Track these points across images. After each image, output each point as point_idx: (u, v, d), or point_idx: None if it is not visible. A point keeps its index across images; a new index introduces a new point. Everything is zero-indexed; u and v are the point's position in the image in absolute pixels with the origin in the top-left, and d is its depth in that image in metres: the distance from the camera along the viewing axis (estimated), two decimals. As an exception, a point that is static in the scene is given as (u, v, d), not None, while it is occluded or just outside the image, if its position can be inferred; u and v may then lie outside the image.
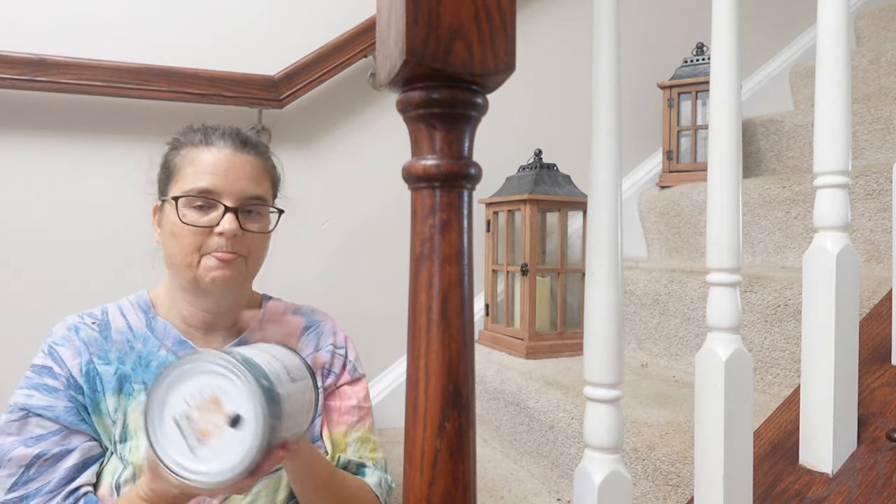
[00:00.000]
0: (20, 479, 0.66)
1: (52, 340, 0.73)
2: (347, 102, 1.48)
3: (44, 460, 0.67)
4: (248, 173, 0.76)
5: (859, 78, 1.72)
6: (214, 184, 0.74)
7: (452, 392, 0.39)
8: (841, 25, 0.66)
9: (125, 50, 1.29)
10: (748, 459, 0.60)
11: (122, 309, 0.79)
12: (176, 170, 0.77)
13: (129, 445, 0.71)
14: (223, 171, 0.74)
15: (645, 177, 1.79)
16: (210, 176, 0.74)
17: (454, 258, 0.40)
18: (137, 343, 0.75)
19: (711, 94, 0.61)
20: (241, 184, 0.75)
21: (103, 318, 0.77)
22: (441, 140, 0.39)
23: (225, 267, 0.73)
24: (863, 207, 1.17)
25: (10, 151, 1.23)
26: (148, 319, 0.78)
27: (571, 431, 1.05)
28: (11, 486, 0.65)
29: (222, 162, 0.75)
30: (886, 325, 0.81)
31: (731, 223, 0.59)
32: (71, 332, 0.73)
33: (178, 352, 0.76)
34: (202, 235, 0.73)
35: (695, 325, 1.20)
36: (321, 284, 1.46)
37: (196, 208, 0.74)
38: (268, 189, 0.80)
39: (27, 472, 0.66)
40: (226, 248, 0.73)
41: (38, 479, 0.66)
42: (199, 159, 0.75)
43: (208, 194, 0.74)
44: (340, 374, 0.85)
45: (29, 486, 0.65)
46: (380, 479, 0.80)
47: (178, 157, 0.77)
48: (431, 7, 0.36)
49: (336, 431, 0.82)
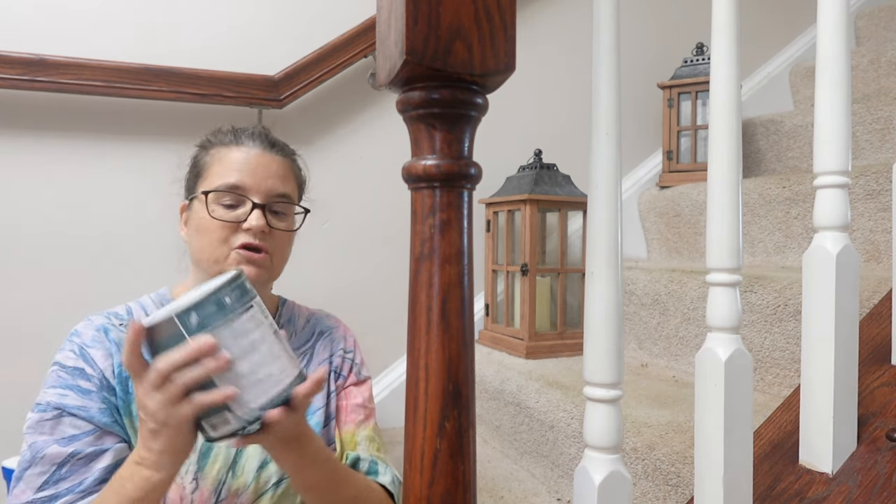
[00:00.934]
0: (51, 478, 0.65)
1: (82, 342, 0.72)
2: (347, 102, 1.48)
3: (77, 459, 0.66)
4: (275, 172, 0.78)
5: (859, 78, 1.72)
6: (243, 180, 0.75)
7: (452, 392, 0.39)
8: (841, 25, 0.66)
9: (125, 50, 1.29)
10: (748, 459, 0.60)
11: (146, 308, 0.79)
12: (205, 168, 0.78)
13: None
14: (252, 168, 0.76)
15: (645, 177, 1.79)
16: (239, 173, 0.75)
17: (454, 258, 0.40)
18: None
19: (711, 94, 0.61)
20: (268, 182, 0.77)
21: (129, 318, 0.76)
22: (441, 140, 0.39)
23: (251, 263, 0.74)
24: (863, 207, 1.17)
25: (10, 151, 1.23)
26: None
27: (571, 431, 1.05)
28: (42, 485, 0.64)
29: (251, 160, 0.77)
30: (886, 325, 0.81)
31: (731, 223, 0.59)
32: (100, 333, 0.73)
33: None
34: (230, 230, 0.74)
35: (695, 325, 1.20)
36: (321, 284, 1.46)
37: (224, 205, 0.75)
38: (294, 189, 0.82)
39: (59, 471, 0.65)
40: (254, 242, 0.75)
41: (69, 478, 0.65)
42: (229, 157, 0.77)
43: (237, 190, 0.75)
44: (347, 376, 0.87)
45: (59, 486, 0.64)
46: (393, 477, 0.80)
47: (208, 156, 0.79)
48: (431, 7, 0.36)
49: (345, 430, 0.82)
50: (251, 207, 0.75)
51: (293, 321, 0.87)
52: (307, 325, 0.88)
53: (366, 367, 0.90)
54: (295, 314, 0.88)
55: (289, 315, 0.87)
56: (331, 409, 0.83)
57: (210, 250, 0.74)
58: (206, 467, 0.72)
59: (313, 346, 0.86)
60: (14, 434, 1.19)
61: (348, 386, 0.86)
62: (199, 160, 0.80)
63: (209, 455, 0.73)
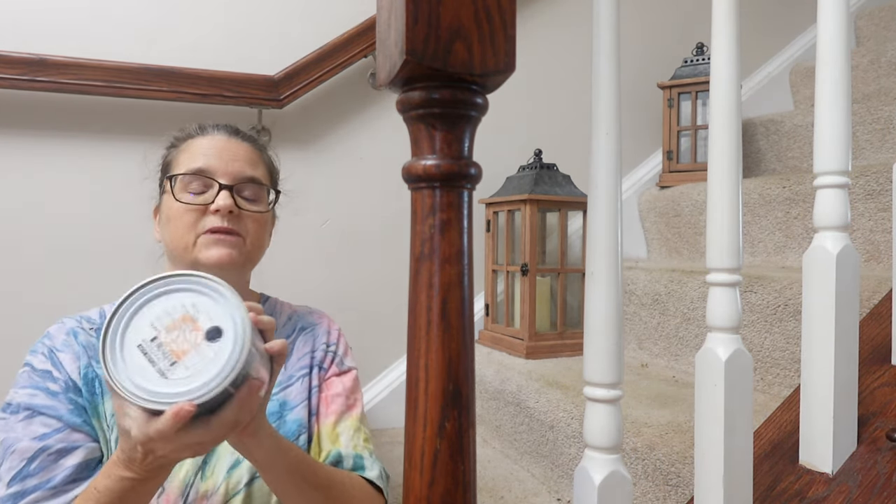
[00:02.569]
0: (19, 473, 0.64)
1: (53, 345, 0.72)
2: (347, 102, 1.48)
3: (47, 455, 0.65)
4: (242, 156, 0.78)
5: (859, 78, 1.72)
6: (209, 163, 0.75)
7: (452, 392, 0.39)
8: (841, 25, 0.66)
9: (125, 50, 1.29)
10: (748, 459, 0.60)
11: None
12: (172, 162, 0.79)
13: None
14: (217, 152, 0.76)
15: (645, 177, 1.79)
16: (205, 157, 0.76)
17: (454, 258, 0.40)
18: None
19: (711, 94, 0.61)
20: (235, 164, 0.77)
21: (101, 321, 0.76)
22: (441, 140, 0.39)
23: (222, 244, 0.73)
24: (863, 207, 1.17)
25: (10, 151, 1.23)
26: None
27: (571, 431, 1.05)
28: (10, 481, 0.63)
29: (216, 145, 0.77)
30: (886, 325, 0.81)
31: (731, 223, 0.59)
32: (70, 337, 0.73)
33: None
34: (198, 214, 0.74)
35: (695, 325, 1.20)
36: (321, 284, 1.46)
37: (192, 192, 0.75)
38: (264, 175, 0.81)
39: (28, 467, 0.64)
40: (222, 224, 0.74)
41: (38, 474, 0.64)
42: (194, 146, 0.78)
43: (203, 173, 0.75)
44: (329, 367, 0.85)
45: (27, 483, 0.64)
46: (380, 471, 0.78)
47: (175, 151, 0.80)
48: (431, 7, 0.36)
49: (326, 423, 0.80)
50: (218, 189, 0.74)
51: (275, 317, 0.86)
52: (289, 322, 0.87)
53: (350, 357, 0.88)
54: (277, 310, 0.87)
55: (270, 311, 0.86)
56: (312, 404, 0.81)
57: (179, 237, 0.74)
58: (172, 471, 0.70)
59: (294, 342, 0.85)
60: None
61: (329, 377, 0.84)
62: (167, 158, 0.81)
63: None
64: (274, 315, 0.86)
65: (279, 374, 0.77)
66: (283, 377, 0.81)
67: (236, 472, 0.72)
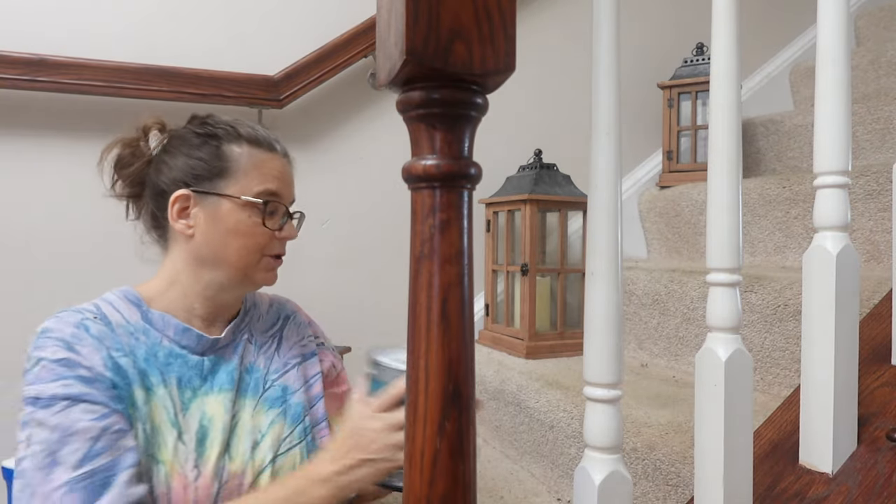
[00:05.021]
0: (88, 454, 0.62)
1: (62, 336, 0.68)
2: (347, 102, 1.48)
3: (110, 434, 0.64)
4: (293, 180, 0.82)
5: (859, 78, 1.72)
6: (281, 189, 0.78)
7: (452, 392, 0.39)
8: (841, 25, 0.66)
9: (125, 50, 1.29)
10: (748, 459, 0.60)
11: (113, 304, 0.75)
12: (236, 166, 0.75)
13: (157, 441, 0.70)
14: (283, 176, 0.79)
15: (645, 177, 1.79)
16: (277, 181, 0.78)
17: (454, 258, 0.40)
18: (141, 335, 0.73)
19: (711, 95, 0.61)
20: (292, 191, 0.81)
21: (99, 312, 0.73)
22: (441, 140, 0.39)
23: (276, 268, 0.79)
24: (863, 207, 1.17)
25: (10, 151, 1.23)
26: (142, 312, 0.75)
27: (571, 431, 1.05)
28: (79, 462, 0.62)
29: (282, 168, 0.79)
30: (886, 325, 0.81)
31: (730, 223, 0.59)
32: (80, 330, 0.69)
33: (180, 340, 0.75)
34: (268, 238, 0.77)
35: (695, 325, 1.20)
36: (320, 284, 1.46)
37: (257, 209, 0.76)
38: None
39: (94, 446, 0.63)
40: (283, 252, 0.79)
41: (106, 453, 0.63)
42: (268, 164, 0.78)
43: (276, 198, 0.77)
44: (334, 360, 0.90)
45: (97, 462, 0.62)
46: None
47: (238, 153, 0.76)
48: (431, 7, 0.36)
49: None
50: (285, 216, 0.78)
51: (258, 305, 0.87)
52: (271, 309, 0.89)
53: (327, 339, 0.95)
54: (258, 299, 0.89)
55: (252, 300, 0.88)
56: (312, 393, 0.85)
57: (245, 255, 0.75)
58: (204, 454, 0.72)
59: (281, 330, 0.87)
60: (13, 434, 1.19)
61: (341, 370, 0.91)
62: (223, 153, 0.76)
63: (206, 441, 0.72)
64: (257, 305, 0.87)
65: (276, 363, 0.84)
66: (279, 364, 0.84)
67: (260, 451, 0.76)
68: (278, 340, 0.86)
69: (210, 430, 0.73)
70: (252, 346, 0.82)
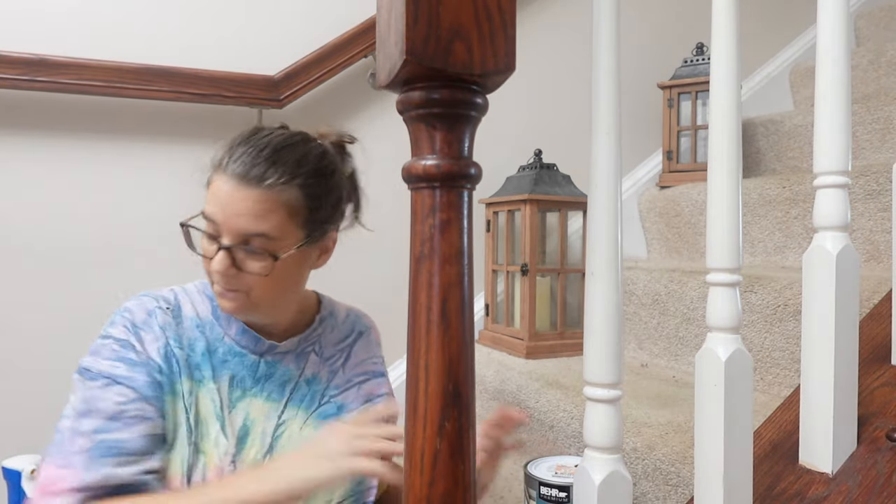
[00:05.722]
0: (104, 426, 0.67)
1: (133, 319, 0.73)
2: (347, 102, 1.48)
3: (127, 417, 0.68)
4: (248, 209, 0.68)
5: (859, 78, 1.72)
6: (215, 215, 0.69)
7: (452, 392, 0.39)
8: (841, 25, 0.66)
9: (125, 50, 1.29)
10: (748, 459, 0.60)
11: (189, 294, 0.79)
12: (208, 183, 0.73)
13: (200, 432, 0.72)
14: (223, 204, 0.69)
15: (645, 177, 1.79)
16: (214, 206, 0.69)
17: (454, 258, 0.40)
18: (206, 330, 0.77)
19: (711, 95, 0.61)
20: (239, 221, 0.68)
21: (175, 303, 0.77)
22: (441, 140, 0.39)
23: (225, 298, 0.72)
24: (863, 207, 1.17)
25: (10, 151, 1.22)
26: (213, 307, 0.78)
27: (571, 431, 1.05)
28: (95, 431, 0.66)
29: (226, 192, 0.68)
30: (886, 325, 0.81)
31: (730, 223, 0.59)
32: (151, 317, 0.74)
33: (241, 341, 0.77)
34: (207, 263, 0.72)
35: (695, 325, 1.20)
36: (320, 284, 1.45)
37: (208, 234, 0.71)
38: (280, 223, 0.70)
39: (111, 423, 0.67)
40: (220, 283, 0.71)
41: (119, 430, 0.67)
42: (214, 184, 0.70)
43: (213, 226, 0.70)
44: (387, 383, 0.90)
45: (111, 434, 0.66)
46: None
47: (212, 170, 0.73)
48: (431, 7, 0.36)
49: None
50: (217, 248, 0.69)
51: (335, 314, 0.88)
52: (346, 321, 0.89)
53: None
54: (335, 308, 0.89)
55: (329, 308, 0.88)
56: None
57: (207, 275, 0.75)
58: (243, 451, 0.74)
59: (352, 346, 0.87)
60: (13, 434, 1.19)
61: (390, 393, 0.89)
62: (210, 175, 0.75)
63: (246, 440, 0.74)
64: (334, 314, 0.88)
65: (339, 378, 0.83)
66: (341, 380, 0.83)
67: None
68: (346, 355, 0.85)
69: (251, 431, 0.75)
70: (318, 357, 0.82)
